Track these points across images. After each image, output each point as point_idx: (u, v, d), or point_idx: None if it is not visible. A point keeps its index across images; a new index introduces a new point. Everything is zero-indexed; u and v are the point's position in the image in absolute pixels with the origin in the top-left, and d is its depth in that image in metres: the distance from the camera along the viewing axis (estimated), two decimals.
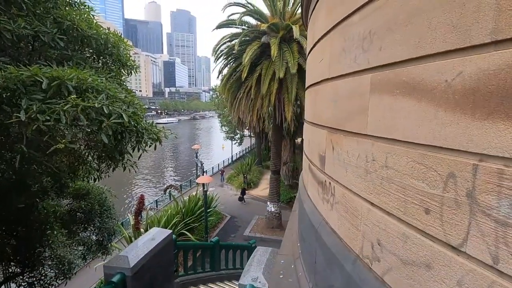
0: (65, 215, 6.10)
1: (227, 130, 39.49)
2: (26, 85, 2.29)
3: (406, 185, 1.23)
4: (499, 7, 0.86)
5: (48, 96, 2.37)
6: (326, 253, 1.98)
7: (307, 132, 2.98)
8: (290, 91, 13.79)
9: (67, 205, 6.45)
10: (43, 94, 2.37)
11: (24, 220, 3.75)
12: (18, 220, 3.67)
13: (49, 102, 2.34)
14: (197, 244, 9.33)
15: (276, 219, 17.41)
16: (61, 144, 2.25)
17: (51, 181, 5.76)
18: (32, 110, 2.19)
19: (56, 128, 2.37)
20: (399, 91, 1.27)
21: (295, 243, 3.17)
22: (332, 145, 1.98)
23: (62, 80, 2.40)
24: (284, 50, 13.66)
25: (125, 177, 32.86)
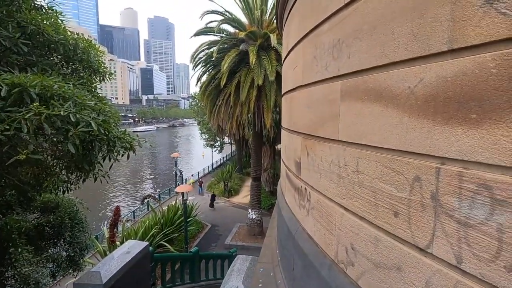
0: (32, 230, 5.71)
1: (207, 137, 39.10)
2: None
3: (376, 189, 1.25)
4: (454, 18, 0.90)
5: (8, 104, 2.20)
6: (303, 260, 1.98)
7: (284, 138, 3.00)
8: (269, 98, 13.92)
9: (33, 220, 6.05)
10: (3, 102, 2.21)
11: None
12: None
13: (9, 110, 2.19)
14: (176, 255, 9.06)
15: (258, 226, 17.31)
16: (22, 155, 2.09)
17: (15, 195, 5.40)
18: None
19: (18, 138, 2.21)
20: (367, 97, 1.30)
21: (274, 251, 3.15)
22: (307, 151, 2.00)
23: (24, 87, 2.25)
24: (262, 57, 13.83)
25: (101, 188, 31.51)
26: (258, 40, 14.24)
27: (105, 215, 25.27)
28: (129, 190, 34.26)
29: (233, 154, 42.77)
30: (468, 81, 0.86)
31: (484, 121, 0.83)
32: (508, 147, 0.77)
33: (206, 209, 20.55)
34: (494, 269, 0.80)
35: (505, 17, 0.77)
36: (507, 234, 0.78)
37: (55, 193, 4.63)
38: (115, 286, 4.10)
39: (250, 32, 14.29)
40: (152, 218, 15.21)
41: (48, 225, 6.15)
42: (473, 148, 0.86)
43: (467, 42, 0.87)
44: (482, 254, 0.83)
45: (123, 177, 40.45)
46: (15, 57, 3.08)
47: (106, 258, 4.57)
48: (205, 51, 16.03)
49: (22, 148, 2.19)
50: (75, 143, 2.34)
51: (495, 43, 0.80)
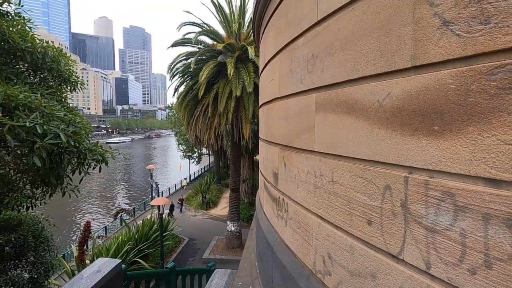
0: None
1: (184, 148, 38.41)
2: None
3: (351, 198, 1.29)
4: (415, 37, 0.98)
5: None
6: (282, 271, 1.97)
7: (262, 149, 3.02)
8: (247, 109, 14.03)
9: None
10: None
11: None
12: None
13: None
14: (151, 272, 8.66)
15: (237, 239, 17.05)
16: None
17: None
18: None
19: None
20: (340, 109, 1.36)
21: (253, 263, 3.11)
22: (284, 162, 2.02)
23: None
24: (240, 69, 13.99)
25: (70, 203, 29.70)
26: (236, 52, 14.42)
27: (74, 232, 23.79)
28: (101, 205, 32.57)
29: (211, 165, 42.23)
30: (430, 96, 0.93)
31: (445, 133, 0.89)
32: (467, 156, 0.83)
33: (184, 223, 19.96)
34: (460, 272, 0.85)
35: (459, 38, 0.85)
36: (469, 239, 0.83)
37: (17, 209, 4.29)
38: None
39: (228, 44, 14.46)
40: (126, 233, 14.52)
41: (9, 244, 5.66)
42: (437, 157, 0.92)
43: (428, 60, 0.94)
44: (448, 258, 0.88)
45: (94, 191, 38.51)
46: None
47: (74, 278, 4.27)
48: (183, 62, 15.96)
49: None
50: (41, 155, 2.19)
51: (452, 61, 0.87)
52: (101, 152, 3.08)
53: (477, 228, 0.81)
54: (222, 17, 15.20)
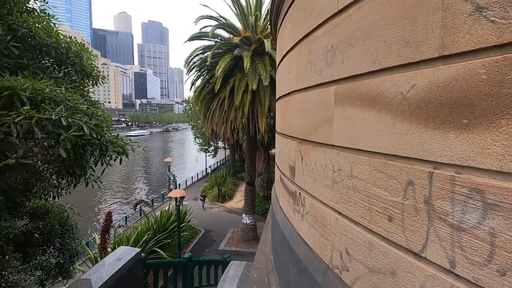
0: (19, 237, 5.56)
1: (201, 142, 38.94)
2: None
3: (370, 194, 1.26)
4: (444, 25, 0.92)
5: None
6: (298, 265, 1.97)
7: (278, 143, 3.00)
8: (263, 103, 13.97)
9: (22, 226, 5.90)
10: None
11: None
12: None
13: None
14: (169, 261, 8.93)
15: (252, 231, 17.21)
16: (11, 159, 2.04)
17: (3, 200, 5.27)
18: None
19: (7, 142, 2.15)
20: (361, 102, 1.31)
21: (269, 256, 3.13)
22: (301, 156, 2.00)
23: (14, 90, 2.20)
24: (256, 63, 13.90)
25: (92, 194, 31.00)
26: (253, 45, 14.33)
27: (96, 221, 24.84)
28: (121, 196, 33.78)
29: (227, 158, 42.63)
30: (459, 87, 0.88)
31: (475, 126, 0.84)
32: (498, 151, 0.79)
33: (200, 215, 20.35)
34: (487, 273, 0.81)
35: (493, 25, 0.79)
36: (499, 238, 0.78)
37: (45, 198, 4.52)
38: None
39: (245, 37, 14.38)
40: (145, 223, 15.00)
41: (37, 231, 6.00)
42: (465, 152, 0.87)
43: (458, 49, 0.88)
44: (475, 258, 0.84)
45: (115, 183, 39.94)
46: (5, 60, 3.02)
47: (97, 265, 4.47)
48: (199, 56, 16.05)
49: (11, 153, 2.13)
50: (66, 147, 2.30)
51: (485, 50, 0.82)
52: (122, 144, 3.18)
53: (508, 227, 0.76)
54: (238, 9, 15.10)
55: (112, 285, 4.18)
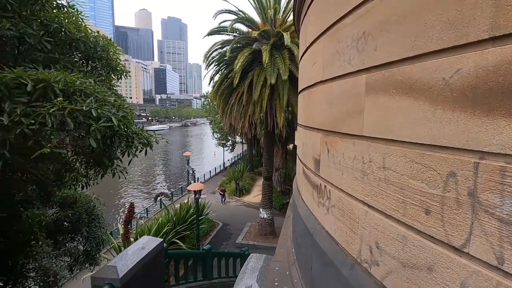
0: (51, 224, 5.88)
1: (219, 136, 39.33)
2: (9, 87, 2.18)
3: (405, 186, 1.20)
4: (497, 3, 0.85)
5: (33, 99, 2.27)
6: (322, 259, 1.94)
7: (300, 135, 2.96)
8: (282, 97, 13.86)
9: (53, 215, 6.23)
10: (28, 97, 2.28)
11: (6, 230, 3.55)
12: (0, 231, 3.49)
13: (34, 105, 2.25)
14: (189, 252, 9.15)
15: (269, 226, 17.27)
16: (47, 148, 2.14)
17: (36, 190, 5.58)
18: (16, 113, 2.10)
19: (42, 133, 2.27)
20: (396, 90, 1.25)
21: (290, 249, 3.12)
22: (327, 148, 1.95)
23: (48, 83, 2.31)
24: (275, 56, 13.77)
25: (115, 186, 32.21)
26: (271, 39, 14.20)
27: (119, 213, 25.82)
28: (142, 188, 34.89)
29: (244, 153, 42.85)
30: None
31: None
32: None
33: (218, 208, 20.65)
34: None
35: None
36: None
37: (74, 188, 4.75)
38: (131, 281, 4.16)
39: (263, 31, 14.26)
40: (165, 215, 15.41)
41: (66, 220, 6.32)
42: None
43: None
44: None
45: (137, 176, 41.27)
46: (39, 54, 3.18)
47: (122, 253, 4.65)
48: (218, 51, 16.10)
49: (45, 143, 2.24)
50: (96, 137, 2.39)
51: None
52: (147, 136, 3.26)
53: None
54: (257, 3, 14.96)
55: (137, 272, 4.33)
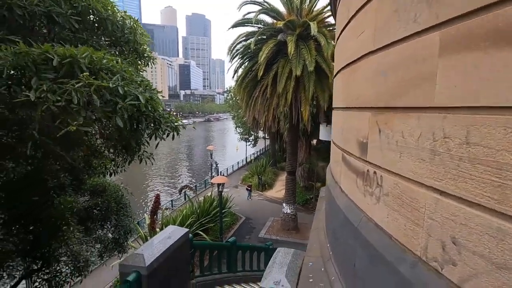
0: (82, 211, 6.05)
1: (242, 131, 39.41)
2: (36, 63, 2.13)
3: (503, 164, 0.93)
4: None
5: (60, 76, 2.21)
6: (371, 254, 1.69)
7: (338, 120, 2.69)
8: (307, 89, 13.45)
9: (84, 202, 6.41)
10: (55, 73, 2.22)
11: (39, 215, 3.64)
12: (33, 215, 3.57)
13: (60, 81, 2.18)
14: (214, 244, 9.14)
15: (292, 221, 17.03)
16: (73, 126, 2.07)
17: (68, 178, 5.74)
18: (42, 89, 2.04)
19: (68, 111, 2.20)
20: (489, 43, 0.97)
21: (324, 244, 2.88)
22: (378, 128, 1.69)
23: (74, 58, 2.23)
24: (301, 47, 13.36)
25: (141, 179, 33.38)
26: (297, 30, 13.77)
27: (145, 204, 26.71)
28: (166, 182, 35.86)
29: (266, 148, 42.68)
30: None
31: None
32: None
33: (240, 202, 20.68)
34: None
35: None
36: None
37: (103, 175, 4.80)
38: (157, 269, 4.13)
39: (289, 21, 13.86)
40: (189, 207, 15.65)
41: (96, 207, 6.49)
42: None
43: None
44: None
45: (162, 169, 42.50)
46: (66, 33, 3.16)
47: (149, 242, 4.65)
48: (242, 43, 15.91)
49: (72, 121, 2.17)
50: (123, 116, 2.29)
51: None
52: (174, 120, 3.15)
53: None
54: None
55: (163, 261, 4.30)
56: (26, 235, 3.79)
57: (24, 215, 3.52)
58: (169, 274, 4.54)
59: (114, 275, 11.56)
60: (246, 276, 7.17)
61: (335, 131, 2.88)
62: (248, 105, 16.06)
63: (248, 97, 15.98)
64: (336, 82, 2.94)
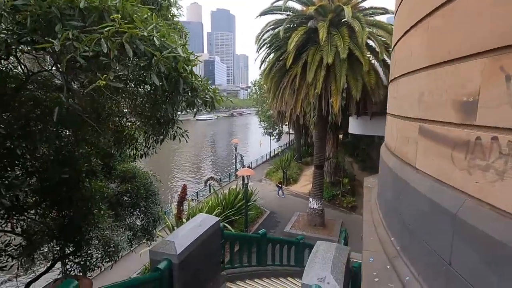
0: (112, 197, 6.00)
1: (266, 125, 39.02)
2: (61, 9, 1.88)
3: None
4: None
5: (87, 24, 1.94)
6: (486, 250, 1.24)
7: (411, 87, 2.21)
8: (339, 79, 12.74)
9: (114, 188, 6.37)
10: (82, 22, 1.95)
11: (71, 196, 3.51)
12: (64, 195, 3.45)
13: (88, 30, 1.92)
14: (245, 235, 8.89)
15: (319, 217, 16.46)
16: (102, 81, 1.79)
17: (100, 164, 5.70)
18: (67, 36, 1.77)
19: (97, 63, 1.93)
20: None
21: (386, 239, 2.43)
22: (503, 75, 1.22)
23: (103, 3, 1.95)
24: (333, 34, 12.64)
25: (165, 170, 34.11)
26: (329, 15, 13.06)
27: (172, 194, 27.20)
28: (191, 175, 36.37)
29: (291, 143, 41.98)
30: None
31: None
32: None
33: (264, 196, 20.35)
34: None
35: None
36: None
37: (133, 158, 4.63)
38: (188, 258, 3.88)
39: (320, 6, 13.18)
40: (214, 199, 15.61)
41: (126, 194, 6.43)
42: None
43: None
44: None
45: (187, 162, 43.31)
46: None
47: (179, 229, 4.42)
48: (270, 32, 15.40)
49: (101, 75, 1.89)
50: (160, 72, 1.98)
51: None
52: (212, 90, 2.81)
53: None
54: None
55: (193, 250, 4.04)
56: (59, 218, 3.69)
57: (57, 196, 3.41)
58: (200, 264, 4.29)
59: (142, 262, 11.74)
60: (276, 270, 6.83)
61: (402, 102, 2.39)
62: (275, 96, 15.60)
63: (275, 88, 15.51)
64: (408, 42, 2.44)
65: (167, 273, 3.43)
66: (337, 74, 12.85)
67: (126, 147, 4.28)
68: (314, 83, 12.97)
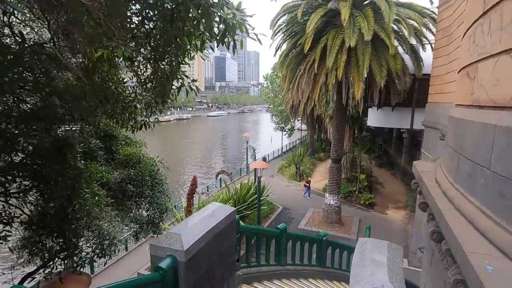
0: (115, 184, 5.32)
1: (278, 120, 38.10)
2: None
3: None
4: None
5: None
6: None
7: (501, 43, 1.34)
8: (361, 64, 11.72)
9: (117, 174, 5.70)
10: None
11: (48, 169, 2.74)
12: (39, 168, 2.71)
13: None
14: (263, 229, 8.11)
15: (336, 214, 15.52)
16: None
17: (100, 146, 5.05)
18: None
19: None
20: None
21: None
22: None
23: None
24: (355, 15, 11.62)
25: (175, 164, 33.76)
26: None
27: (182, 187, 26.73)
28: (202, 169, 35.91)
29: (303, 139, 40.91)
30: None
31: None
32: None
33: (277, 191, 19.52)
34: None
35: None
36: None
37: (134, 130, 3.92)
38: (198, 255, 3.12)
39: None
40: (226, 193, 14.95)
41: (131, 182, 5.74)
42: None
43: None
44: None
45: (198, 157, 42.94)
46: None
47: (187, 220, 3.66)
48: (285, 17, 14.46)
49: None
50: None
51: None
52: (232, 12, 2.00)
53: None
54: None
55: (205, 245, 3.28)
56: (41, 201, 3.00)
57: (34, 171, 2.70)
58: (212, 262, 3.53)
59: None
60: (296, 270, 6.03)
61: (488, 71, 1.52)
62: (291, 84, 14.67)
63: (291, 75, 14.60)
64: None
65: (170, 273, 2.68)
66: (359, 59, 11.84)
67: (124, 117, 3.58)
68: (334, 68, 11.99)
